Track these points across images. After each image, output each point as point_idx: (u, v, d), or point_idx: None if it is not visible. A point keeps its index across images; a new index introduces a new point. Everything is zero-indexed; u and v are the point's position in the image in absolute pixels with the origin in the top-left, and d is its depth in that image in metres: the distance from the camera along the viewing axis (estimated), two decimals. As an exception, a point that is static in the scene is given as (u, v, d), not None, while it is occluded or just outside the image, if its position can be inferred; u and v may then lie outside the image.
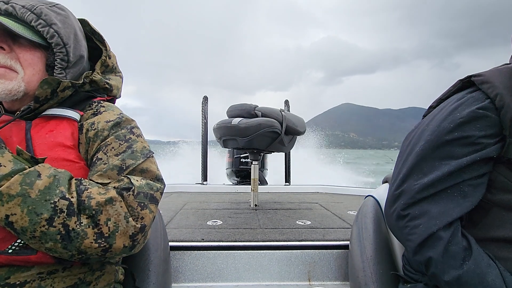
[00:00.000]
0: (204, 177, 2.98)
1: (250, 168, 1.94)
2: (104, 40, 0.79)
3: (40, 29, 0.63)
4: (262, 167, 3.73)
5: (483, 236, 0.61)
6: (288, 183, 3.03)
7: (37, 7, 0.63)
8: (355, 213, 0.97)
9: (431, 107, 0.72)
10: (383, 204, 0.90)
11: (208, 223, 1.50)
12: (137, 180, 0.61)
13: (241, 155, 3.53)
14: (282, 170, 3.10)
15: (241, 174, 3.70)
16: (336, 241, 1.22)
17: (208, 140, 3.04)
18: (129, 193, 0.58)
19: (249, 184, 1.95)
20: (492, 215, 0.60)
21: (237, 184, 3.55)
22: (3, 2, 0.62)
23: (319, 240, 1.23)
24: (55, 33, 0.64)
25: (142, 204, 0.59)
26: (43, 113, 0.65)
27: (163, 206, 1.88)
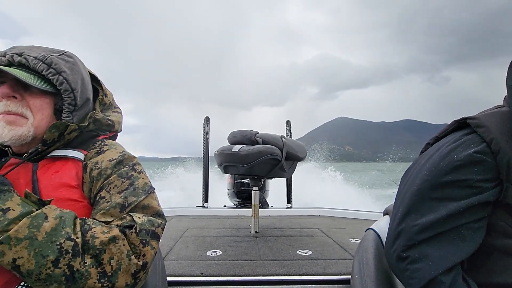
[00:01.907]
0: (205, 199, 2.95)
1: (251, 191, 1.93)
2: (99, 80, 0.84)
3: (51, 78, 0.67)
4: (263, 188, 3.69)
5: (485, 281, 0.60)
6: (289, 204, 3.00)
7: (48, 57, 0.68)
8: (357, 241, 0.95)
9: (428, 144, 0.73)
10: (384, 238, 0.88)
11: (207, 253, 1.49)
12: (139, 217, 0.63)
13: (242, 179, 3.51)
14: (285, 189, 3.07)
15: (242, 196, 3.66)
16: (337, 275, 1.20)
17: (209, 157, 3.01)
18: (131, 230, 0.60)
19: (250, 206, 1.93)
20: (493, 260, 0.59)
21: (238, 205, 3.51)
22: (17, 54, 0.66)
23: (319, 274, 1.20)
24: (64, 80, 0.69)
25: (144, 241, 0.61)
26: (50, 155, 0.68)
27: (163, 233, 1.85)
